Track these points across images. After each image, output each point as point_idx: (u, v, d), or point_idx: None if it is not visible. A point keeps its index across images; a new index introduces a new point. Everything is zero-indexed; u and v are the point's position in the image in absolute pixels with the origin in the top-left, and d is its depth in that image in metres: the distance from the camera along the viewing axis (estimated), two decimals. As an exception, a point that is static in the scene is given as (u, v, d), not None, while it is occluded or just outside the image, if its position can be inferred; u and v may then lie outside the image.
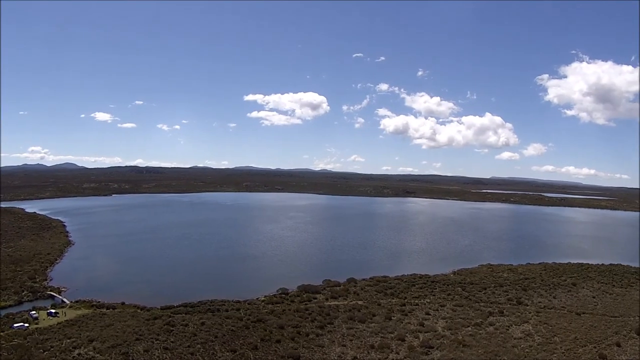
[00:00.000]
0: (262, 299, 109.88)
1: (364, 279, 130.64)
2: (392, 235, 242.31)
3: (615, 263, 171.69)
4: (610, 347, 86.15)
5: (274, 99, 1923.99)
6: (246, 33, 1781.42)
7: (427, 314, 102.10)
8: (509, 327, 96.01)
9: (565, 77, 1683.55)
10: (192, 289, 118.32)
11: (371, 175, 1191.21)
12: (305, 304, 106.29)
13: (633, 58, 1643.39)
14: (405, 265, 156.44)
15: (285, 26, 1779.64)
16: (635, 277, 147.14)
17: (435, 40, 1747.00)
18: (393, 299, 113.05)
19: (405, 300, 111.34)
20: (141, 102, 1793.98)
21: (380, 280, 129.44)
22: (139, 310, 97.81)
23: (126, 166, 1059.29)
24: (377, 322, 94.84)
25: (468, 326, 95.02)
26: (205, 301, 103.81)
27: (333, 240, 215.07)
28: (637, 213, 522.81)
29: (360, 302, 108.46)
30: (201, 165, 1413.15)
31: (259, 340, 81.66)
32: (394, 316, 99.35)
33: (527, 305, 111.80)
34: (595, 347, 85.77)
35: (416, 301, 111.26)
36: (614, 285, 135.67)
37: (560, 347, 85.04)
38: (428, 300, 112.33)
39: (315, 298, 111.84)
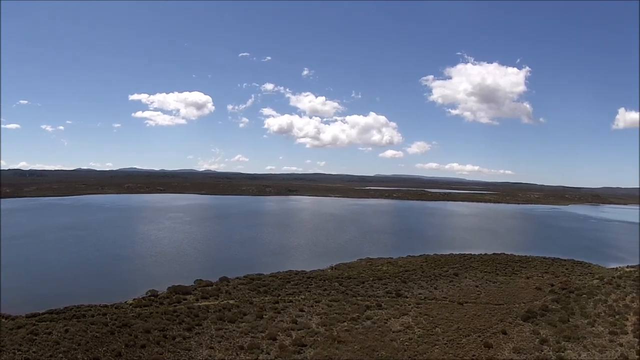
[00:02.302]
0: (131, 302, 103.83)
1: (237, 278, 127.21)
2: (270, 233, 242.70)
3: (499, 252, 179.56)
4: (496, 335, 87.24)
5: (158, 98, 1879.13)
6: (131, 31, 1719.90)
7: (301, 310, 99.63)
8: (387, 320, 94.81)
9: (450, 78, 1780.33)
10: (61, 294, 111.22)
11: (255, 174, 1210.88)
12: (175, 306, 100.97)
13: (519, 60, 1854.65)
14: (283, 262, 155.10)
15: (171, 24, 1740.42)
16: (520, 265, 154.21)
17: (321, 40, 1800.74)
18: (266, 296, 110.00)
19: (279, 298, 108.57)
20: (26, 102, 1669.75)
21: (254, 278, 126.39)
22: (3, 320, 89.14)
23: (9, 169, 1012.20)
24: (247, 322, 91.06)
25: (344, 321, 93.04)
26: (71, 307, 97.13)
27: (210, 239, 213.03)
28: (522, 206, 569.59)
29: (231, 302, 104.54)
30: (85, 167, 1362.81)
31: (123, 346, 76.54)
32: (266, 314, 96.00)
33: (407, 297, 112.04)
34: (479, 336, 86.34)
35: (290, 298, 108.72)
36: (497, 274, 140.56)
37: (442, 338, 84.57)
38: (303, 297, 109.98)
39: (186, 299, 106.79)
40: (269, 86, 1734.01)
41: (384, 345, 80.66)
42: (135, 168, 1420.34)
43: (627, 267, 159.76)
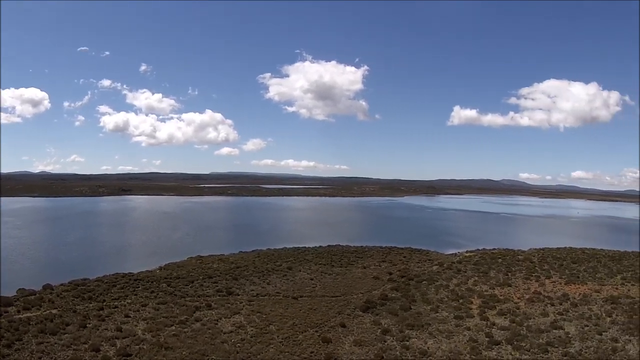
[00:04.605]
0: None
1: (62, 284, 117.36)
2: (99, 234, 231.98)
3: (334, 244, 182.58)
4: (335, 329, 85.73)
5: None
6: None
7: (127, 316, 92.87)
8: (217, 320, 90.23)
9: (288, 76, 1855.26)
10: None
11: (90, 175, 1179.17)
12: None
13: (357, 59, 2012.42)
14: (110, 265, 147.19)
15: (9, 15, 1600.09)
16: (355, 256, 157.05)
17: (159, 35, 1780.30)
18: (91, 303, 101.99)
19: (104, 304, 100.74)
20: None
21: (79, 284, 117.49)
22: None
23: None
24: (70, 333, 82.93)
25: (172, 325, 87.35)
26: None
27: (37, 244, 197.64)
28: (357, 199, 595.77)
29: (54, 311, 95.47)
30: None
31: (-62, 372, 66.13)
32: (89, 323, 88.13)
33: (239, 295, 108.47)
34: (317, 331, 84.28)
35: (116, 303, 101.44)
36: (332, 266, 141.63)
37: (277, 336, 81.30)
38: (129, 301, 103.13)
39: (7, 312, 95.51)
40: (106, 82, 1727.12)
41: (215, 349, 76.38)
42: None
43: (467, 252, 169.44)
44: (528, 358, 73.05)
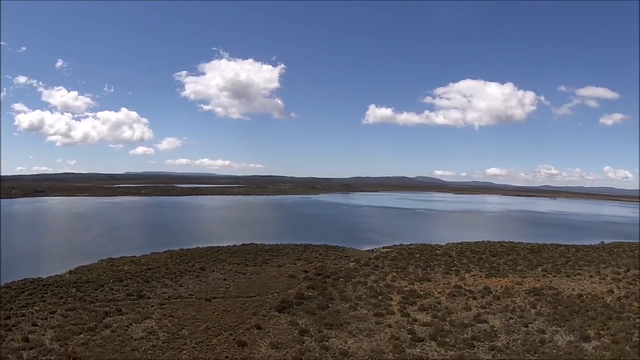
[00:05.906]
0: None
1: None
2: (9, 237, 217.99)
3: (248, 242, 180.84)
4: (250, 331, 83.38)
5: None
6: None
7: (35, 325, 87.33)
8: (128, 326, 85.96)
9: (204, 74, 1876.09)
10: None
11: (5, 176, 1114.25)
12: None
13: (274, 58, 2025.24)
14: (19, 270, 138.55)
15: None
16: (270, 254, 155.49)
17: (75, 31, 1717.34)
18: None
19: (11, 312, 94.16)
20: None
21: None
22: None
23: None
24: None
25: (81, 333, 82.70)
26: None
27: None
28: (272, 197, 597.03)
29: None
30: None
31: None
32: None
33: (150, 298, 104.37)
34: (231, 334, 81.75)
35: (23, 311, 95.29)
36: (247, 265, 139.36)
37: (190, 341, 78.22)
38: (37, 308, 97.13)
39: None
40: (22, 79, 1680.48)
41: (125, 357, 73.03)
42: None
43: (383, 248, 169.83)
44: (454, 354, 72.71)
